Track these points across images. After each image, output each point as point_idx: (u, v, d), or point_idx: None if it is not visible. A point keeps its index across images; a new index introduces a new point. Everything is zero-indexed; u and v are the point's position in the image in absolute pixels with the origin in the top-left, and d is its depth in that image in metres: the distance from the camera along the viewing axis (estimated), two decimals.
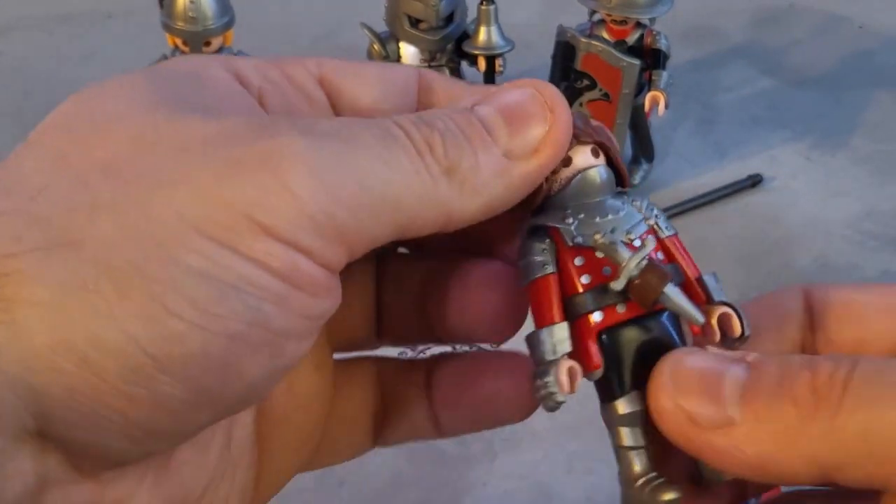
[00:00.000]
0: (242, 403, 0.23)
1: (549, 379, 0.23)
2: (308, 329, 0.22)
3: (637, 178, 0.71)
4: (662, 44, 0.66)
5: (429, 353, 0.30)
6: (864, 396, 0.20)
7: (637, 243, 0.24)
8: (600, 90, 0.66)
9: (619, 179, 0.26)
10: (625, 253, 0.23)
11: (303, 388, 0.28)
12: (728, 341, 0.24)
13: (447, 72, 0.69)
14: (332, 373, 0.29)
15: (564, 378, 0.23)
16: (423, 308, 0.29)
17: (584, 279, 0.24)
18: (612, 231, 0.24)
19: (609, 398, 0.24)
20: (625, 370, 0.24)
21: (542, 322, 0.24)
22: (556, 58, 0.67)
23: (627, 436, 0.24)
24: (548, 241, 0.25)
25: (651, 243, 0.24)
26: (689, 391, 0.22)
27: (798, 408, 0.21)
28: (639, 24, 0.65)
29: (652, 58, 0.66)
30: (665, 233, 0.25)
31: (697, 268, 0.25)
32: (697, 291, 0.25)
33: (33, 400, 0.19)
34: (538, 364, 0.24)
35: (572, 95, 0.66)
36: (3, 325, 0.19)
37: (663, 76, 0.65)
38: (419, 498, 0.52)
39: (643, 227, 0.25)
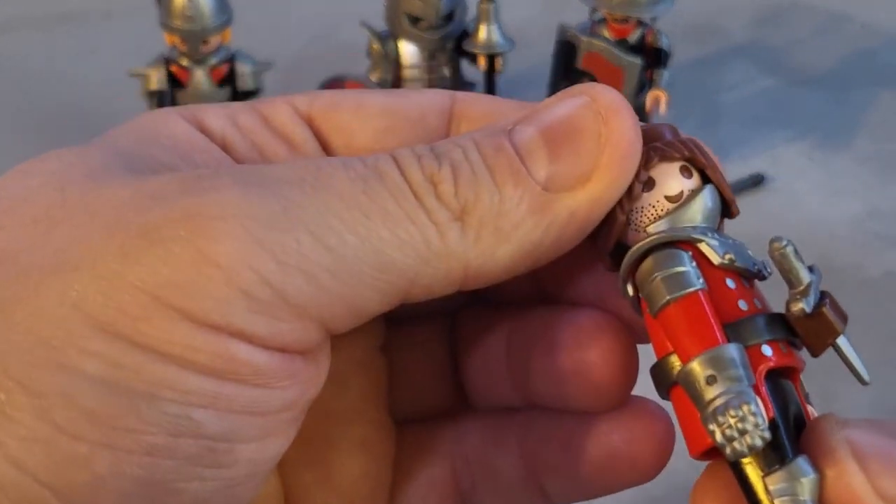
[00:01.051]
0: None
1: (753, 407, 0.17)
2: (269, 427, 0.18)
3: None
4: (664, 42, 0.65)
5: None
6: None
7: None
8: None
9: (724, 204, 0.21)
10: (806, 271, 0.19)
11: (345, 475, 0.23)
12: None
13: (447, 71, 0.68)
14: (389, 452, 0.24)
15: (764, 409, 0.18)
16: (513, 370, 0.24)
17: (743, 305, 0.19)
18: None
19: (769, 464, 0.18)
20: (791, 429, 0.18)
21: (704, 343, 0.18)
22: (557, 56, 0.67)
23: None
24: (690, 254, 0.20)
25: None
26: (876, 466, 0.18)
27: None
28: (640, 23, 0.65)
29: (653, 56, 0.65)
30: None
31: None
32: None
33: None
34: (715, 396, 0.18)
35: None
36: None
37: (664, 75, 0.65)
38: None
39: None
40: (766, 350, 0.19)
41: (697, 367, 0.18)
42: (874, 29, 0.86)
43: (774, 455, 0.18)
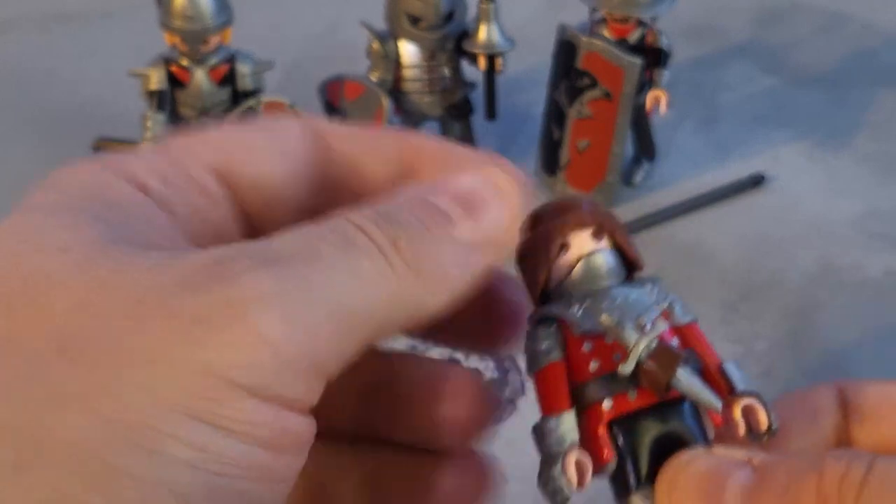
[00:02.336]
0: None
1: (556, 471, 0.22)
2: (285, 492, 0.20)
3: (638, 178, 0.70)
4: (664, 42, 0.65)
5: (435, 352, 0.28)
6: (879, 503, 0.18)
7: (648, 327, 0.23)
8: (601, 89, 0.65)
9: (629, 263, 0.25)
10: (633, 334, 0.23)
11: None
12: (753, 435, 0.22)
13: (447, 71, 0.68)
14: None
15: (573, 470, 0.22)
16: (368, 405, 0.26)
17: (593, 366, 0.23)
18: (620, 316, 0.23)
19: (623, 492, 0.23)
20: (640, 463, 0.23)
21: (549, 411, 0.23)
22: (557, 56, 0.67)
23: None
24: (554, 327, 0.24)
25: (662, 325, 0.23)
26: (689, 495, 0.21)
27: None
28: (640, 23, 0.65)
29: (653, 56, 0.65)
30: (682, 319, 0.24)
31: (717, 356, 0.24)
32: (718, 381, 0.23)
33: None
34: (545, 456, 0.23)
35: (573, 95, 0.66)
36: None
37: (664, 75, 0.65)
38: None
39: (655, 312, 0.23)
40: (607, 405, 0.23)
41: (539, 428, 0.23)
42: (874, 29, 0.86)
43: (621, 489, 0.23)
